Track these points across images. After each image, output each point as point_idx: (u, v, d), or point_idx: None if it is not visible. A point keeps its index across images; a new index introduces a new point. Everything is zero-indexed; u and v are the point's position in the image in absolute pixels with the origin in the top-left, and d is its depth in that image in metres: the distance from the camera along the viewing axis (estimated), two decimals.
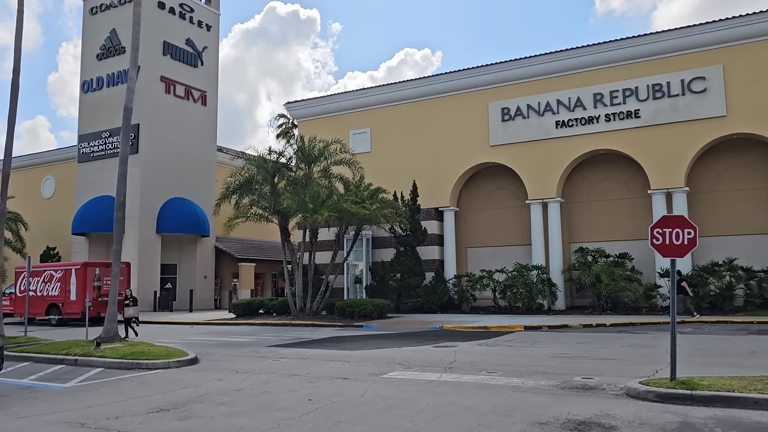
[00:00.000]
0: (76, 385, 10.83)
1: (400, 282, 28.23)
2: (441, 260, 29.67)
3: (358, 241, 29.66)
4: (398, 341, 17.28)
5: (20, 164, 47.35)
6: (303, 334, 20.10)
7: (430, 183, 29.60)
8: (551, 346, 15.21)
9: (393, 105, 31.31)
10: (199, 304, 38.09)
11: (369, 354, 14.36)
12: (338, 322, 23.87)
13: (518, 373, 10.96)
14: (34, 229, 42.37)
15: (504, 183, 29.75)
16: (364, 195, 25.82)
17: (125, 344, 14.55)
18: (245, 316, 27.48)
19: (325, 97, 33.28)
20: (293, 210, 24.12)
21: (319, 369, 12.05)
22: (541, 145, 27.52)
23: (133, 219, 36.52)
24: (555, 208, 27.24)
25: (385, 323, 23.10)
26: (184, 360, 12.96)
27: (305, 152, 25.79)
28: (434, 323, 22.28)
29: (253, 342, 17.83)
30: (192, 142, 39.51)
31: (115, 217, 16.01)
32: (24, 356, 14.24)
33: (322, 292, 26.45)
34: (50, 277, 27.56)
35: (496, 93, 28.75)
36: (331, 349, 15.68)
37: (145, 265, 36.56)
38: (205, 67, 41.52)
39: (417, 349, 15.33)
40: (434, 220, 29.73)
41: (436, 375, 11.00)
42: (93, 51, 40.07)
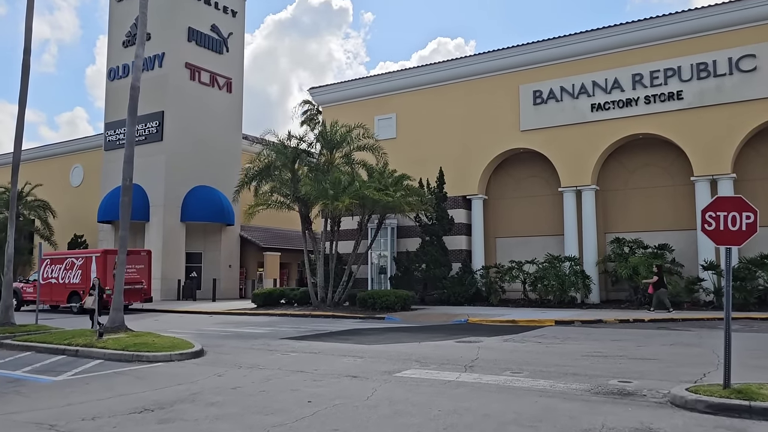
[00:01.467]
0: (67, 378, 10.11)
1: (426, 273, 27.17)
2: (468, 250, 28.50)
3: (383, 230, 28.68)
4: (419, 335, 16.27)
5: (49, 153, 47.72)
6: (321, 326, 19.24)
7: (457, 170, 28.39)
8: (584, 343, 14.01)
9: (420, 89, 30.12)
10: (223, 294, 37.68)
11: (385, 349, 13.38)
12: (360, 313, 22.97)
13: (546, 374, 9.84)
14: (63, 217, 42.48)
15: (535, 170, 28.36)
16: (388, 182, 24.79)
17: (129, 335, 13.86)
18: (266, 306, 26.78)
19: (350, 82, 32.28)
20: (313, 197, 23.22)
21: (328, 365, 11.12)
22: (576, 129, 26.04)
23: (158, 207, 36.25)
24: (590, 196, 25.79)
25: (408, 316, 22.11)
26: (188, 353, 12.18)
27: (327, 137, 24.84)
28: (459, 316, 21.20)
29: (267, 334, 17.03)
30: (217, 129, 38.96)
31: (120, 202, 15.32)
32: (27, 346, 13.67)
33: (344, 282, 25.57)
34: (71, 265, 27.29)
35: (527, 75, 27.33)
36: (346, 342, 14.76)
37: (170, 254, 36.22)
38: (230, 54, 40.88)
39: (438, 344, 14.30)
40: (461, 209, 28.54)
41: (454, 374, 9.96)
42: (119, 39, 39.79)
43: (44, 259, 29.00)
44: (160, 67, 37.25)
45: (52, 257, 28.97)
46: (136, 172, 36.96)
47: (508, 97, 27.62)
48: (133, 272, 27.06)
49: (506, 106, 27.61)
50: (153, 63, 37.56)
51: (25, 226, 39.83)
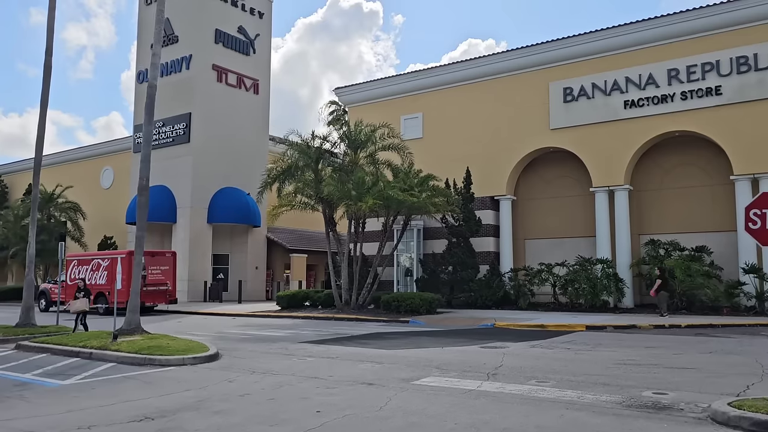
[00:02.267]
0: (74, 383, 9.83)
1: (452, 275, 26.54)
2: (496, 252, 27.77)
3: (409, 232, 28.16)
4: (443, 340, 15.69)
5: (80, 155, 48.41)
6: (343, 329, 18.79)
7: (485, 170, 27.70)
8: (616, 350, 13.27)
9: (447, 88, 29.52)
10: (250, 295, 37.57)
11: (406, 354, 12.85)
12: (384, 316, 22.47)
13: (575, 384, 9.20)
14: (94, 219, 43.02)
15: (566, 169, 27.50)
16: (414, 182, 24.26)
17: (144, 337, 13.60)
18: (290, 308, 26.48)
19: (376, 81, 31.86)
20: (336, 198, 22.82)
21: (344, 371, 10.65)
22: (608, 127, 25.14)
23: (185, 208, 36.33)
24: (623, 196, 24.85)
25: (433, 319, 21.53)
26: (202, 356, 11.83)
27: (351, 137, 24.42)
28: (486, 320, 20.54)
29: (286, 337, 16.65)
30: (244, 131, 38.89)
31: (137, 202, 15.09)
32: (43, 347, 13.52)
33: (368, 284, 25.11)
34: (98, 266, 27.39)
35: (557, 72, 26.52)
36: (366, 347, 14.27)
37: (197, 255, 36.25)
38: (257, 55, 40.82)
39: (461, 349, 13.71)
40: (489, 210, 27.83)
41: (475, 383, 9.38)
42: (147, 41, 39.94)
43: (71, 260, 29.29)
44: (188, 69, 37.36)
45: (79, 258, 29.16)
46: (164, 173, 37.67)
47: (537, 95, 26.84)
48: (158, 273, 27.06)
49: (535, 104, 26.84)
50: (180, 65, 37.73)
51: (56, 228, 40.44)
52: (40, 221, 39.56)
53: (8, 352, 13.85)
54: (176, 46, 38.21)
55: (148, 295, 26.56)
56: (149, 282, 26.59)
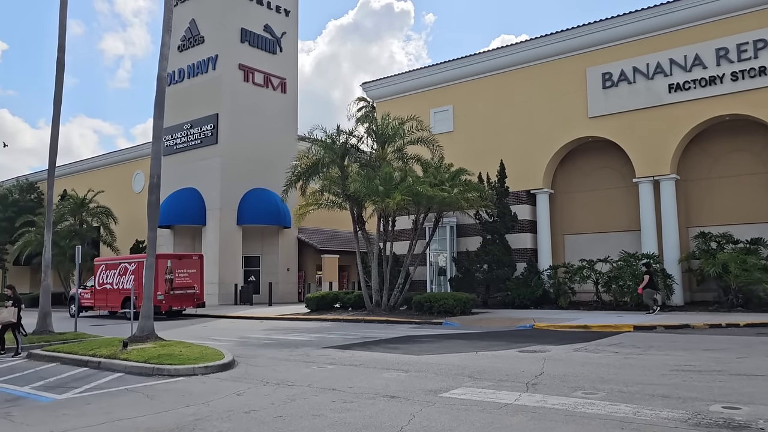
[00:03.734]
0: (70, 397, 9.04)
1: (488, 274, 25.30)
2: (534, 249, 26.40)
3: (442, 229, 27.03)
4: (477, 343, 14.54)
5: (112, 160, 48.55)
6: (372, 333, 17.78)
7: (520, 163, 26.37)
8: (671, 354, 11.92)
9: (478, 78, 28.25)
10: (282, 297, 36.93)
11: (436, 361, 11.75)
12: (416, 318, 21.40)
13: (628, 396, 7.98)
14: (126, 223, 42.93)
15: (606, 160, 25.96)
16: (444, 177, 23.13)
17: (156, 344, 12.82)
18: (319, 310, 25.61)
19: (404, 74, 30.76)
20: (363, 195, 21.83)
21: (366, 381, 9.62)
22: (651, 113, 23.55)
23: (214, 210, 35.88)
24: (669, 186, 23.23)
25: (468, 320, 20.35)
26: (214, 365, 10.96)
27: (378, 131, 23.41)
28: (524, 321, 19.28)
29: (311, 342, 15.71)
30: (272, 131, 38.26)
31: (148, 201, 14.35)
32: (54, 356, 12.87)
33: (400, 284, 24.07)
34: (125, 270, 27.00)
35: (595, 57, 25.02)
36: (394, 352, 13.22)
37: (227, 258, 35.75)
38: (284, 54, 40.18)
39: (497, 354, 12.54)
40: (525, 204, 26.47)
41: (512, 395, 8.25)
42: (174, 43, 39.68)
43: (99, 264, 29.02)
44: (214, 70, 36.92)
45: (107, 263, 28.86)
46: (193, 175, 37.31)
47: (574, 82, 25.39)
48: (185, 277, 26.51)
49: (572, 92, 25.39)
50: (207, 65, 37.32)
51: (88, 233, 40.45)
52: (72, 226, 39.84)
53: (19, 361, 13.25)
54: (202, 47, 37.84)
55: (176, 298, 26.07)
56: (176, 285, 26.07)
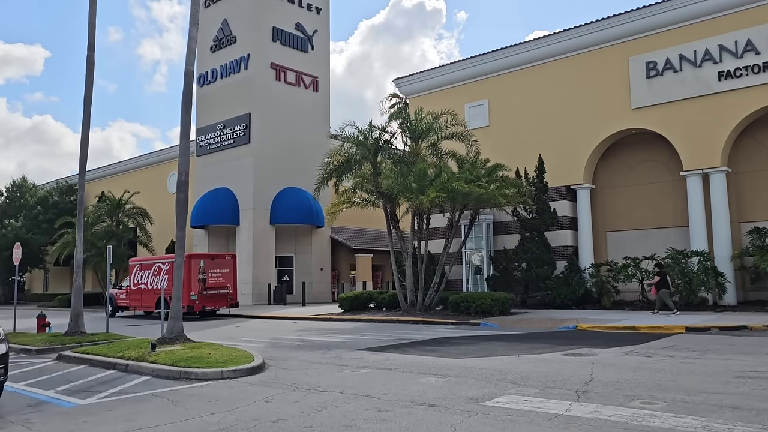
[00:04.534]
0: (93, 402, 8.65)
1: (527, 272, 24.43)
2: (574, 246, 25.41)
3: (478, 227, 26.24)
4: (519, 345, 13.79)
5: (147, 161, 49.01)
6: (407, 334, 17.16)
7: (559, 157, 25.41)
8: (732, 358, 11.00)
9: (514, 71, 27.37)
10: (315, 297, 36.59)
11: (475, 364, 11.07)
12: (452, 318, 20.70)
13: (692, 407, 7.20)
14: (162, 224, 43.18)
15: (651, 153, 24.83)
16: (480, 173, 22.36)
17: (185, 346, 12.44)
18: (353, 310, 25.09)
19: (438, 68, 30.03)
20: (396, 192, 21.21)
21: (402, 388, 9.01)
22: (699, 103, 22.37)
23: (247, 210, 35.73)
24: (720, 179, 22.03)
25: (507, 321, 19.57)
26: (243, 369, 10.49)
27: (411, 126, 22.76)
28: (567, 322, 18.42)
29: (344, 343, 15.17)
30: (304, 129, 37.93)
31: (176, 199, 14.01)
32: (83, 358, 12.60)
33: (435, 284, 23.40)
34: (159, 270, 26.93)
35: (638, 45, 23.91)
36: (430, 355, 12.57)
37: (260, 258, 35.56)
38: (315, 52, 39.83)
39: (541, 358, 11.79)
40: (565, 200, 25.50)
41: (562, 405, 7.53)
42: (207, 44, 39.73)
43: (134, 264, 29.07)
44: (246, 69, 36.76)
45: (142, 263, 28.88)
46: (226, 175, 37.22)
47: (616, 72, 24.33)
48: (218, 277, 26.30)
49: (614, 82, 24.34)
50: (239, 65, 37.20)
51: (124, 234, 40.83)
52: (108, 227, 40.24)
53: (48, 362, 13.04)
54: (234, 47, 37.73)
55: (209, 298, 25.88)
56: (209, 285, 25.88)
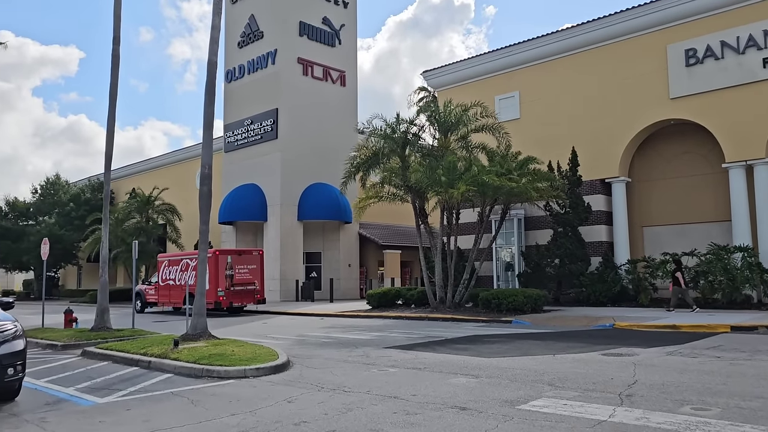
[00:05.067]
0: (111, 401, 8.37)
1: (560, 269, 23.70)
2: (609, 242, 24.58)
3: (509, 222, 25.57)
4: (554, 344, 13.20)
5: (176, 158, 49.34)
6: (436, 332, 16.67)
7: (593, 150, 24.58)
8: None
9: (546, 61, 26.59)
10: (344, 294, 36.29)
11: (509, 364, 10.53)
12: (483, 316, 20.12)
13: (750, 414, 6.58)
14: (191, 220, 43.34)
15: (690, 144, 23.85)
16: (511, 166, 21.69)
17: (209, 343, 12.14)
18: (380, 307, 24.67)
19: (466, 60, 29.39)
20: (425, 185, 20.68)
21: (431, 389, 8.54)
22: (743, 91, 21.35)
23: (275, 206, 35.58)
24: (765, 171, 20.98)
25: (540, 319, 18.93)
26: (267, 367, 10.13)
27: (440, 119, 22.20)
28: (603, 320, 17.71)
29: (372, 341, 14.75)
30: (332, 124, 37.61)
31: (199, 192, 13.74)
32: (106, 354, 12.42)
33: (465, 280, 22.83)
34: (186, 266, 26.85)
35: (677, 32, 22.95)
36: (461, 353, 12.06)
37: (288, 254, 35.38)
38: (342, 46, 39.47)
39: (578, 357, 11.19)
40: (600, 194, 24.67)
41: (605, 410, 6.97)
42: (234, 40, 39.76)
43: (162, 260, 29.10)
44: (273, 64, 36.57)
45: (170, 259, 28.88)
46: (254, 171, 37.12)
47: (653, 61, 23.41)
48: (246, 273, 26.14)
49: (651, 71, 23.42)
50: (266, 60, 37.02)
51: (153, 230, 41.09)
52: (138, 223, 40.56)
53: (73, 358, 12.89)
54: (261, 42, 37.58)
55: (236, 295, 25.74)
56: (236, 281, 25.74)
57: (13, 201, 54.38)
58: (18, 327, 8.43)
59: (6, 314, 8.75)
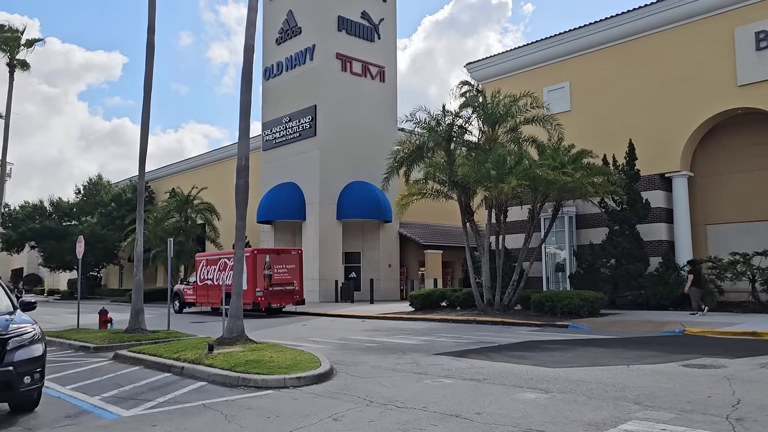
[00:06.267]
0: (137, 414, 7.49)
1: (616, 269, 22.19)
2: (670, 241, 22.94)
3: (559, 220, 24.15)
4: (622, 353, 11.90)
5: (214, 158, 49.13)
6: (488, 336, 15.49)
7: (651, 143, 22.98)
8: None
9: (598, 49, 25.06)
10: (384, 295, 35.26)
11: (579, 376, 9.32)
12: (535, 319, 18.83)
13: None
14: (230, 220, 42.61)
15: (760, 136, 22.06)
16: (565, 160, 20.33)
17: (245, 348, 11.24)
18: (424, 309, 23.56)
19: (513, 51, 28.02)
20: (473, 180, 19.47)
21: (497, 405, 7.41)
22: None
23: (313, 205, 34.81)
24: None
25: (598, 323, 17.55)
26: (309, 376, 9.16)
27: (487, 110, 20.97)
28: (670, 325, 16.25)
29: (419, 346, 13.67)
30: (371, 121, 36.64)
31: (236, 186, 12.90)
32: (138, 358, 11.65)
33: (514, 282, 21.56)
34: (224, 265, 26.21)
35: (745, 13, 21.21)
36: (521, 362, 10.88)
37: (327, 254, 34.55)
38: (381, 41, 38.48)
39: (657, 369, 9.89)
40: (659, 190, 23.06)
41: None
42: (272, 37, 39.20)
43: (200, 260, 28.59)
44: (311, 60, 35.82)
45: (207, 258, 28.34)
46: (292, 169, 36.40)
47: (718, 45, 21.70)
48: (284, 273, 25.36)
49: (716, 57, 21.72)
50: (304, 57, 36.31)
51: (192, 229, 40.83)
52: (177, 222, 40.35)
53: (104, 362, 12.16)
54: (299, 38, 36.88)
55: (275, 295, 24.97)
56: (275, 282, 24.98)
57: (57, 201, 55.14)
58: (36, 330, 7.63)
59: (25, 316, 7.98)
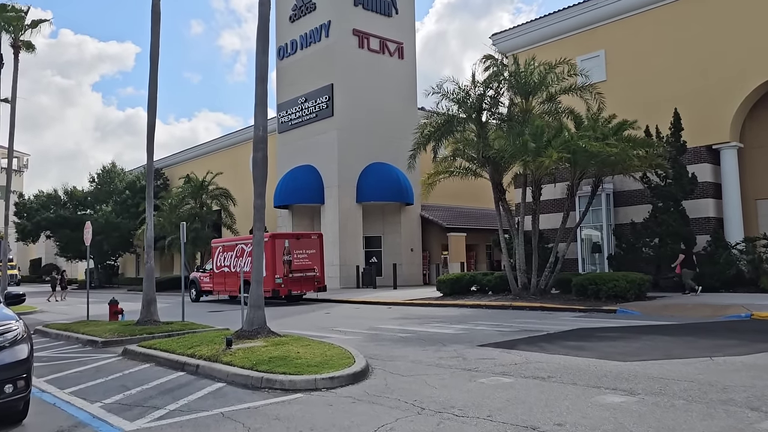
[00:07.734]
0: (142, 427, 6.22)
1: (660, 249, 20.61)
2: (718, 218, 21.33)
3: (596, 198, 22.58)
4: (694, 342, 10.46)
5: (228, 143, 47.92)
6: (530, 324, 14.10)
7: (696, 112, 21.30)
8: None
9: (635, 14, 23.33)
10: (406, 280, 33.92)
11: (661, 372, 7.90)
12: (577, 304, 17.40)
13: None
14: (246, 206, 41.61)
15: None
16: (606, 131, 18.73)
17: (268, 342, 9.95)
18: (453, 294, 22.18)
19: (542, 19, 26.28)
20: (508, 155, 17.96)
21: (578, 413, 6.04)
22: None
23: (332, 188, 33.50)
24: None
25: (649, 307, 16.08)
26: (342, 376, 7.84)
27: (520, 80, 19.39)
28: (730, 309, 14.75)
29: (458, 336, 12.32)
30: (390, 100, 35.13)
31: (252, 159, 11.55)
32: (149, 355, 10.42)
33: (550, 264, 20.11)
34: (242, 252, 25.03)
35: None
36: (582, 355, 9.48)
37: (347, 238, 33.27)
38: (399, 16, 36.81)
39: (747, 362, 8.45)
40: (706, 163, 21.41)
41: None
42: (286, 14, 37.65)
43: (216, 246, 27.45)
44: (327, 37, 34.30)
45: (224, 244, 27.16)
46: (309, 151, 34.98)
47: None
48: (304, 258, 24.10)
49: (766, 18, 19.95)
50: (319, 33, 34.80)
51: (208, 215, 39.75)
52: (192, 209, 39.24)
53: (111, 359, 10.95)
54: (314, 14, 35.34)
55: (295, 282, 23.73)
56: (295, 268, 23.73)
57: (71, 190, 54.37)
58: (20, 328, 6.38)
59: (7, 311, 6.73)
